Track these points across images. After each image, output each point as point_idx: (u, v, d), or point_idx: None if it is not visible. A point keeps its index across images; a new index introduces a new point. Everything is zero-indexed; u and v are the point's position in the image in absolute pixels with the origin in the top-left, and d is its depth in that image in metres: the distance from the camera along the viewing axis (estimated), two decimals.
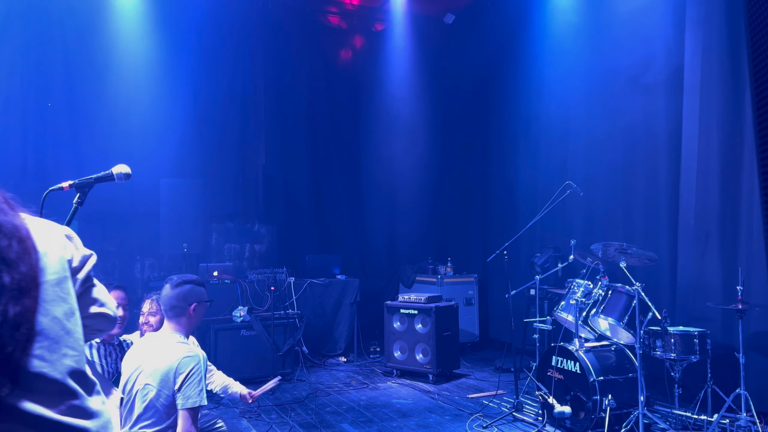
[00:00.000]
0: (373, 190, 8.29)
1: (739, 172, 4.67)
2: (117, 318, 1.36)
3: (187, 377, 2.57)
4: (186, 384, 2.57)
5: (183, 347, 2.67)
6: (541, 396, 4.50)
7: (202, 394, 2.59)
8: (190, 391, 2.57)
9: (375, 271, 8.15)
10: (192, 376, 2.58)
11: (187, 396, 2.56)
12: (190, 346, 2.71)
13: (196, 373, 2.59)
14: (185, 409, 2.56)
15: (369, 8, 8.41)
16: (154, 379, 2.59)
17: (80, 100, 6.46)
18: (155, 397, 2.59)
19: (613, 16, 5.96)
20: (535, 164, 7.07)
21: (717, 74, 4.80)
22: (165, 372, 2.59)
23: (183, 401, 2.56)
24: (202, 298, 2.78)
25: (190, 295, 2.72)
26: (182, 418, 2.56)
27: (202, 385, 2.60)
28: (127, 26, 6.67)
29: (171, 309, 2.72)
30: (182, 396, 2.56)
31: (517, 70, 7.43)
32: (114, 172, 2.22)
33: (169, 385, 2.58)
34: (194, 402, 2.57)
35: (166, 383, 2.58)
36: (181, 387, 2.57)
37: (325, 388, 5.79)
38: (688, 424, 4.24)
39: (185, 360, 2.60)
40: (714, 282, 4.78)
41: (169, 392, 2.58)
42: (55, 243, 1.14)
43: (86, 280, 1.23)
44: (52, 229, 1.17)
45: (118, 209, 6.44)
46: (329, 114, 8.14)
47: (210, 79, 7.18)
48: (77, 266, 1.19)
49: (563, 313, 4.81)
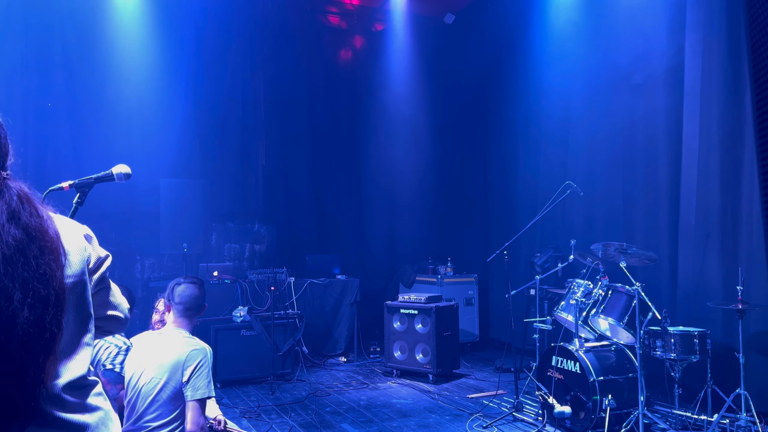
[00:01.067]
0: (373, 190, 8.29)
1: (739, 172, 4.66)
2: (128, 320, 1.37)
3: (195, 369, 2.63)
4: (195, 376, 2.62)
5: (190, 341, 2.75)
6: (541, 396, 4.50)
7: (210, 386, 2.65)
8: (199, 383, 2.62)
9: (375, 271, 8.15)
10: (200, 368, 2.64)
11: (196, 387, 2.62)
12: (196, 340, 2.78)
13: (204, 364, 2.65)
14: (195, 400, 2.61)
15: (369, 8, 8.41)
16: (160, 371, 2.64)
17: (80, 100, 6.46)
18: (161, 389, 2.63)
19: (613, 16, 5.95)
20: (535, 164, 7.07)
21: (717, 73, 4.79)
22: (172, 364, 2.64)
23: (192, 393, 2.62)
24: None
25: (205, 295, 2.93)
26: (192, 410, 2.61)
27: (210, 377, 2.66)
28: (127, 26, 6.67)
29: (195, 308, 2.85)
30: (191, 387, 2.62)
31: (517, 70, 7.43)
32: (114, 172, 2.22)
33: (176, 377, 2.63)
34: (203, 393, 2.63)
35: (174, 375, 2.63)
36: (190, 379, 2.62)
37: (325, 388, 5.79)
38: (688, 424, 4.24)
39: (194, 352, 2.67)
40: (714, 282, 4.78)
41: (176, 384, 2.63)
42: (76, 243, 1.16)
43: (100, 281, 1.24)
44: (75, 228, 1.19)
45: (118, 209, 6.44)
46: (329, 114, 8.14)
47: (210, 79, 7.18)
48: (93, 267, 1.21)
49: (563, 313, 4.81)
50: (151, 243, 6.52)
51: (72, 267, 1.11)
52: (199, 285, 2.88)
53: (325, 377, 6.27)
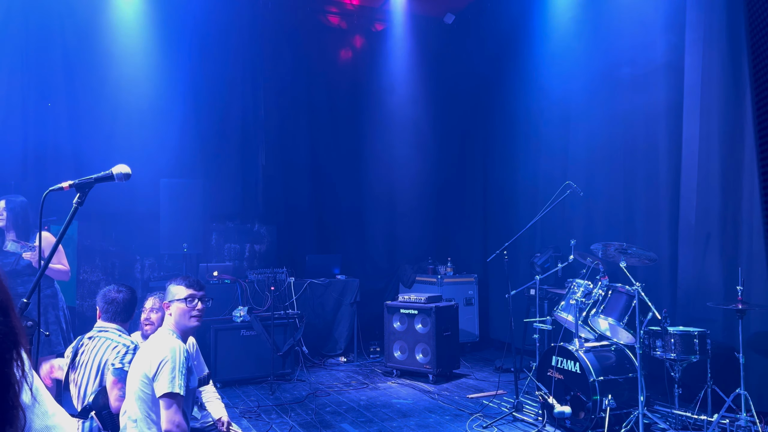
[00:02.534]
0: (373, 190, 8.29)
1: (740, 172, 4.66)
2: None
3: (159, 364, 2.61)
4: (159, 371, 2.61)
5: (163, 339, 2.74)
6: (541, 396, 4.50)
7: (175, 382, 2.60)
8: (163, 378, 2.60)
9: (375, 271, 8.15)
10: (164, 363, 2.61)
11: (161, 383, 2.60)
12: (170, 337, 2.76)
13: (170, 360, 2.62)
14: (161, 397, 2.59)
15: (369, 8, 8.41)
16: (138, 373, 2.67)
17: (80, 100, 6.46)
18: (138, 390, 2.65)
19: (613, 16, 5.95)
20: (535, 164, 7.07)
21: (717, 73, 4.79)
22: (145, 364, 2.65)
23: (158, 389, 2.60)
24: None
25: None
26: (161, 407, 2.60)
27: (176, 374, 2.61)
28: (127, 26, 6.67)
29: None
30: (158, 383, 2.61)
31: (517, 69, 7.43)
32: (114, 172, 2.22)
33: (148, 376, 2.64)
34: (168, 388, 2.59)
35: (146, 375, 2.64)
36: (155, 375, 2.61)
37: (325, 388, 5.79)
38: (688, 424, 4.24)
39: (159, 349, 2.66)
40: (714, 282, 4.78)
41: (148, 382, 2.64)
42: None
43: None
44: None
45: (118, 209, 6.44)
46: (329, 114, 8.14)
47: (210, 79, 7.18)
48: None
49: (563, 313, 4.81)
50: (151, 243, 6.52)
51: None
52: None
53: (325, 377, 6.27)
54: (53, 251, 2.17)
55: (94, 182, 2.18)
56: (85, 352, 3.10)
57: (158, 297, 3.62)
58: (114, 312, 3.17)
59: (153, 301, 3.65)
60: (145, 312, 3.64)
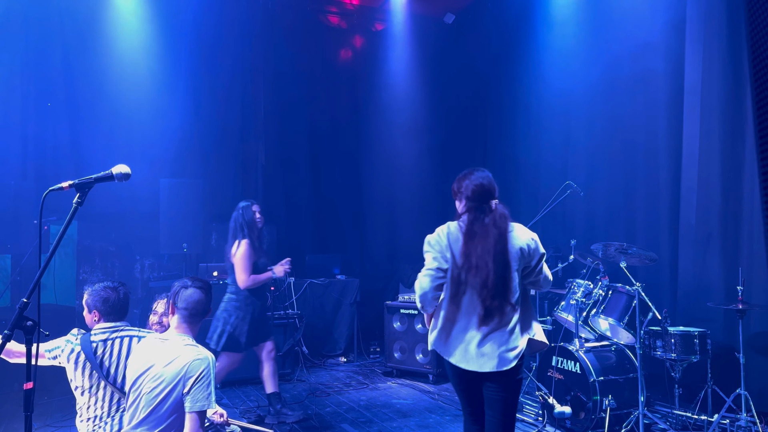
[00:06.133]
0: (373, 190, 8.28)
1: (740, 172, 4.66)
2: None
3: (196, 380, 2.56)
4: (195, 387, 2.55)
5: (193, 349, 2.66)
6: (541, 396, 4.50)
7: (210, 398, 2.57)
8: (199, 395, 2.55)
9: (375, 271, 8.14)
10: (202, 379, 2.56)
11: (195, 399, 2.55)
12: (199, 348, 2.69)
13: (206, 376, 2.58)
14: (194, 412, 2.54)
15: (369, 8, 8.41)
16: (164, 381, 2.58)
17: (80, 100, 6.45)
18: (163, 399, 2.57)
19: (613, 17, 5.95)
20: (535, 164, 7.07)
21: (718, 73, 4.79)
22: (175, 374, 2.57)
23: (191, 404, 2.54)
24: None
25: (212, 299, 2.81)
26: (190, 421, 2.54)
27: (211, 389, 2.58)
28: (127, 27, 6.66)
29: (200, 313, 2.75)
30: (191, 399, 2.55)
31: (517, 70, 7.43)
32: (114, 172, 2.22)
33: (178, 388, 2.56)
34: (202, 405, 2.55)
35: (176, 386, 2.57)
36: (191, 390, 2.55)
37: (325, 388, 5.79)
38: (689, 424, 4.24)
39: (195, 363, 2.59)
40: (715, 282, 4.78)
41: (178, 395, 2.57)
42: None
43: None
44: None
45: (118, 209, 6.43)
46: (329, 114, 8.14)
47: (210, 79, 7.17)
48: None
49: (563, 313, 4.81)
50: (151, 243, 6.51)
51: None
52: (206, 290, 2.77)
53: (325, 377, 6.27)
54: (53, 251, 2.16)
55: (94, 182, 2.17)
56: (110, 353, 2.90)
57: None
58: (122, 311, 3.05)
59: (165, 304, 3.48)
60: (156, 315, 3.49)
